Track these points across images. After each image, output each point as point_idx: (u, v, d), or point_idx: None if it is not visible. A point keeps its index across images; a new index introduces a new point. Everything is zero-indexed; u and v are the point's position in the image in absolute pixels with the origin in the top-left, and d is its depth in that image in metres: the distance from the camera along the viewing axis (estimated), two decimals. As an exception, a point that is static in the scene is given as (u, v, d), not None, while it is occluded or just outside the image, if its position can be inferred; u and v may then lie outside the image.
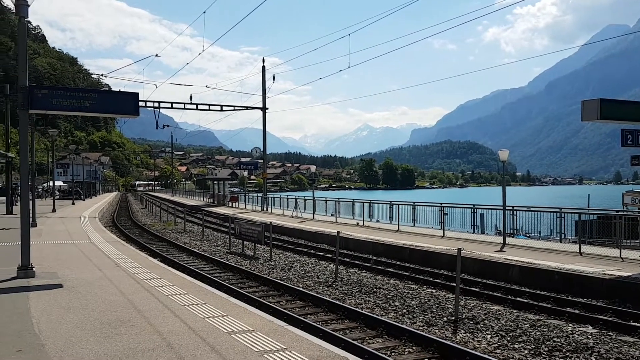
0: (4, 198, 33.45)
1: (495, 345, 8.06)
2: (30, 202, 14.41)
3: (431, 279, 13.23)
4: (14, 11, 10.15)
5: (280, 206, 35.84)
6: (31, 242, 10.67)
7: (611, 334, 8.60)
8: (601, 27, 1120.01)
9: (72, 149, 65.57)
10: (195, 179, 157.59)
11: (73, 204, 47.40)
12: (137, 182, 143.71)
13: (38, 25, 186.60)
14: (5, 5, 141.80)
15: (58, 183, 67.08)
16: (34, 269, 10.45)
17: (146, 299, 8.44)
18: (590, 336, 8.41)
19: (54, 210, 34.62)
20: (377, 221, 25.07)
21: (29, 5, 10.17)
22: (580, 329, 8.88)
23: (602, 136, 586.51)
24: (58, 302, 8.15)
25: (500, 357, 7.51)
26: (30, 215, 13.42)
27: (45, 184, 74.62)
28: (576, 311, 9.85)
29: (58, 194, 56.16)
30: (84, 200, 58.92)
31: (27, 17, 10.31)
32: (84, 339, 6.21)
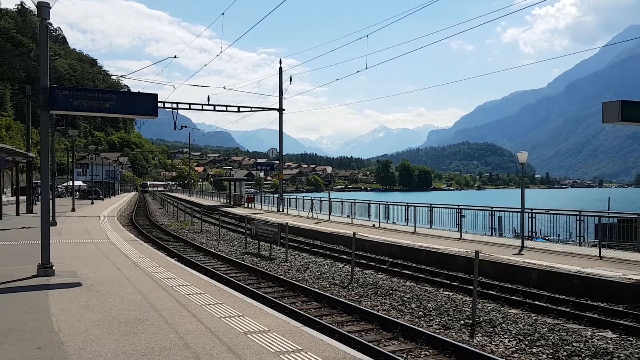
0: (25, 197, 34.00)
1: (513, 349, 7.97)
2: (51, 201, 14.60)
3: (448, 281, 13.13)
4: (36, 13, 10.30)
5: (296, 207, 35.88)
6: (51, 241, 10.82)
7: (631, 339, 8.45)
8: (623, 27, 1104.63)
9: (91, 149, 66.37)
10: (212, 179, 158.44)
11: (92, 203, 48.00)
12: (149, 182, 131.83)
13: (59, 27, 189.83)
14: (27, 7, 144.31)
15: (77, 183, 68.02)
16: (54, 267, 10.59)
17: (163, 298, 8.51)
18: (609, 341, 8.28)
19: (73, 210, 35.10)
20: (394, 223, 24.97)
21: (50, 7, 10.32)
22: (600, 333, 8.75)
23: (622, 138, 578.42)
24: (77, 301, 8.25)
25: (518, 361, 7.42)
26: (50, 214, 13.61)
27: (65, 184, 75.70)
28: (595, 316, 9.71)
29: (77, 193, 56.90)
30: (102, 199, 59.66)
31: (49, 19, 10.46)
32: (102, 337, 6.27)
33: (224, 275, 13.66)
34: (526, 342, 8.23)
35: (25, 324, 6.86)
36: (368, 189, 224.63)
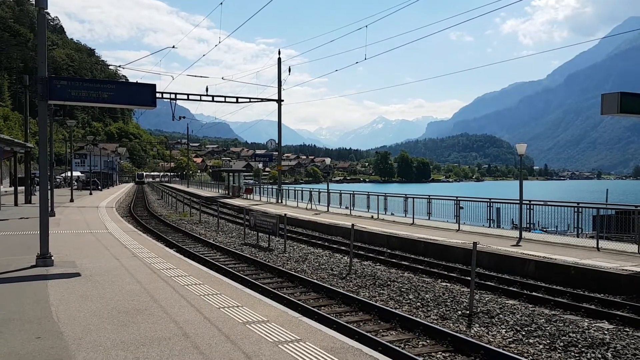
0: (23, 188, 33.96)
1: (510, 339, 8.02)
2: (49, 192, 14.61)
3: (446, 272, 13.18)
4: (33, 2, 10.24)
5: (295, 198, 35.89)
6: (50, 232, 10.83)
7: (628, 330, 8.51)
8: (622, 19, 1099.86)
9: (89, 140, 66.19)
10: (210, 170, 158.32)
11: (90, 194, 47.98)
12: (145, 173, 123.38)
13: (56, 17, 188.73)
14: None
15: (76, 173, 67.95)
16: (53, 257, 10.61)
17: (162, 288, 8.53)
18: (606, 332, 8.33)
19: (72, 200, 35.08)
20: (392, 214, 25.00)
21: (48, -3, 10.26)
22: (597, 324, 8.80)
23: (621, 130, 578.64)
24: (76, 291, 8.27)
25: (515, 351, 7.47)
26: (49, 205, 13.61)
27: (63, 174, 75.61)
28: (592, 307, 9.76)
29: (76, 184, 56.85)
30: (101, 190, 59.60)
31: (47, 9, 10.40)
32: (102, 326, 6.30)
33: (223, 266, 13.69)
34: (523, 333, 8.28)
35: (25, 313, 6.89)
36: (367, 180, 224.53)
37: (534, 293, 10.84)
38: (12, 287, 8.57)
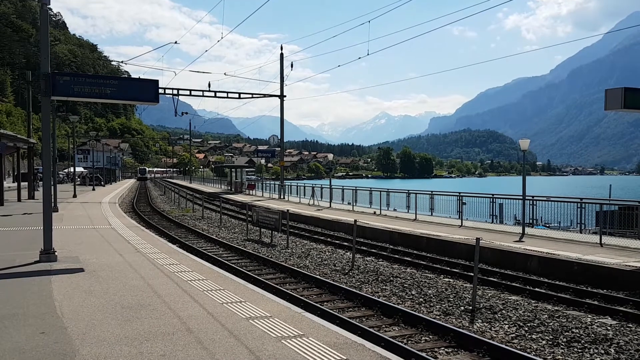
0: (26, 183, 34.04)
1: (513, 335, 8.02)
2: (52, 187, 14.65)
3: (448, 268, 13.18)
4: (36, -2, 10.28)
5: (297, 194, 35.88)
6: (53, 227, 10.86)
7: (631, 325, 8.50)
8: (626, 14, 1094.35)
9: (92, 136, 66.20)
10: (213, 166, 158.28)
11: (93, 189, 48.06)
12: (148, 169, 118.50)
13: (59, 12, 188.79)
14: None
15: (78, 169, 68.09)
16: (56, 253, 10.65)
17: (166, 284, 8.55)
18: (609, 327, 8.32)
19: (74, 196, 35.14)
20: (395, 210, 24.98)
21: (50, -7, 10.26)
22: (600, 320, 8.79)
23: (624, 125, 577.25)
24: (80, 286, 8.30)
25: (518, 347, 7.47)
26: (52, 200, 13.64)
27: (66, 170, 75.78)
28: (595, 302, 9.75)
29: (79, 179, 56.94)
30: (104, 186, 59.73)
31: (49, 4, 10.40)
32: (105, 322, 6.32)
33: (226, 262, 13.71)
34: (526, 328, 8.28)
35: (29, 309, 6.91)
36: (369, 176, 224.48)
37: (536, 289, 10.84)
38: (16, 282, 8.60)
